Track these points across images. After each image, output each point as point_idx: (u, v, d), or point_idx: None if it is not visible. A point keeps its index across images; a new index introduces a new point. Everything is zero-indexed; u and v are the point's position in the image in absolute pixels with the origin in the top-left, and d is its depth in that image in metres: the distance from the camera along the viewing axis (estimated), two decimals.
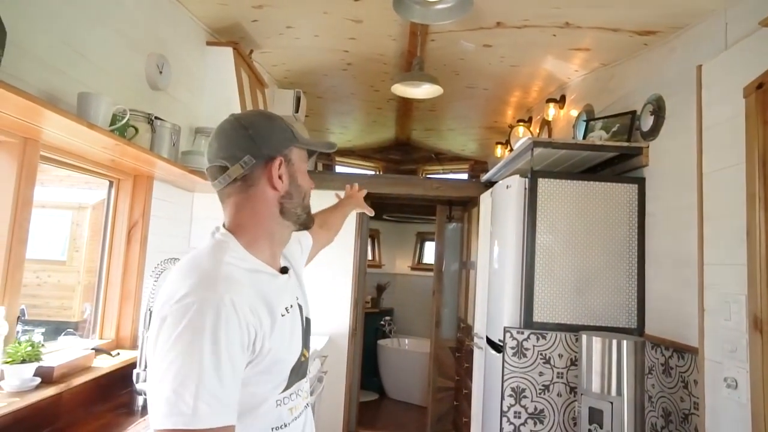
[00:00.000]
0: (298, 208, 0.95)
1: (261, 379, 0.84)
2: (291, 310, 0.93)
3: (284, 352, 0.88)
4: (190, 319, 0.74)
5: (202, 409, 0.71)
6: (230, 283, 0.80)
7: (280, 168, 0.90)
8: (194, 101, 2.56)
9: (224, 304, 0.76)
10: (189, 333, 0.73)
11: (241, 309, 0.78)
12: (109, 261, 2.06)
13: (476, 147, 5.30)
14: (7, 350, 1.38)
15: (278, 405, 0.89)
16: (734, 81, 1.61)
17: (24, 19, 1.41)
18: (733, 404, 1.53)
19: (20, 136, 1.46)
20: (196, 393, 0.71)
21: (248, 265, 0.88)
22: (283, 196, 0.92)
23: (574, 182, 2.28)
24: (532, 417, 2.19)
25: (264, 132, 0.91)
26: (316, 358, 2.84)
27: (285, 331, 0.88)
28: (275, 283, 0.91)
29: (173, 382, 0.72)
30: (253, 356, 0.81)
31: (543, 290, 2.24)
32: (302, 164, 0.96)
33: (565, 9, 2.20)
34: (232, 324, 0.76)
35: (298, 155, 0.96)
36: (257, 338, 0.81)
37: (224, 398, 0.74)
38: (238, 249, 0.88)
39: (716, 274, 1.66)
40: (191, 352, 0.72)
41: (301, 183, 0.95)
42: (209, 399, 0.72)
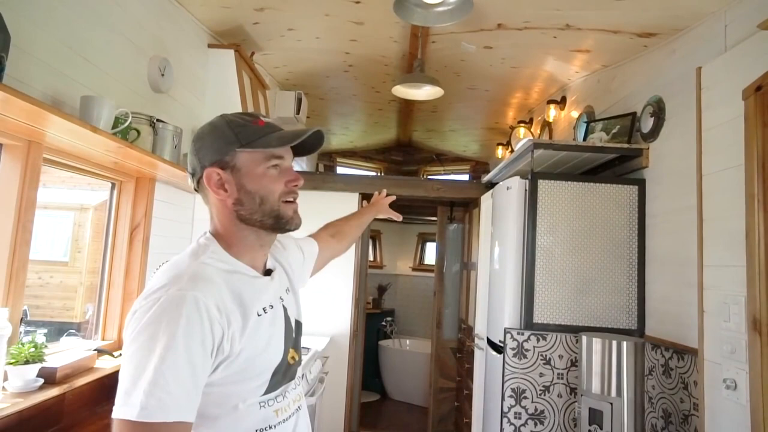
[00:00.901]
0: (256, 214, 0.90)
1: (237, 379, 0.84)
2: (270, 311, 0.92)
3: (260, 352, 0.87)
4: (152, 313, 0.76)
5: (152, 404, 0.71)
6: (198, 281, 0.81)
7: (219, 177, 0.89)
8: (196, 103, 2.57)
9: (186, 301, 0.77)
10: (150, 327, 0.75)
11: (205, 306, 0.78)
12: (111, 262, 2.07)
13: (478, 148, 5.31)
14: (11, 351, 1.39)
15: (262, 407, 0.88)
16: (733, 83, 1.61)
17: (27, 22, 1.43)
18: (733, 405, 1.54)
19: (24, 138, 1.47)
20: (148, 387, 0.72)
21: (226, 266, 0.88)
22: (234, 204, 0.90)
23: (574, 184, 2.29)
24: (533, 418, 2.20)
25: (205, 141, 0.91)
26: (317, 358, 2.85)
27: (261, 331, 0.88)
28: (254, 284, 0.91)
29: (132, 374, 0.74)
30: (223, 356, 0.81)
31: (543, 291, 2.24)
32: (257, 167, 0.90)
33: (565, 11, 2.21)
34: (192, 321, 0.76)
35: (248, 159, 0.90)
36: (225, 337, 0.80)
37: (178, 395, 0.74)
38: (218, 251, 0.89)
39: (716, 276, 1.67)
40: (149, 346, 0.74)
41: (252, 188, 0.90)
42: (160, 394, 0.72)
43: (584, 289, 2.24)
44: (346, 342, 3.43)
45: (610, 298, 2.24)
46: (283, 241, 1.14)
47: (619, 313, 2.23)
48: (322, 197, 3.46)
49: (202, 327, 0.77)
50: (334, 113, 4.50)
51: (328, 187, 3.50)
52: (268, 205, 0.90)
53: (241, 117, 0.93)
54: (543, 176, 2.30)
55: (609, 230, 2.26)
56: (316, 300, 3.43)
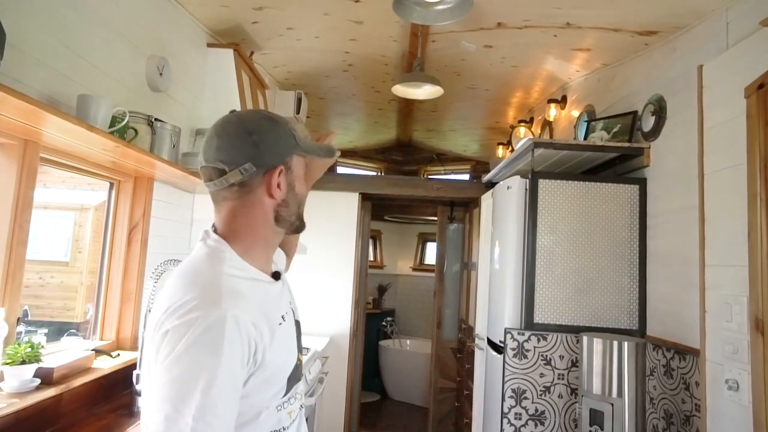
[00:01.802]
0: (293, 216, 0.93)
1: (262, 389, 0.83)
2: (287, 317, 0.92)
3: (283, 359, 0.88)
4: (193, 335, 0.73)
5: (202, 428, 0.70)
6: (233, 298, 0.79)
7: (279, 177, 0.88)
8: (195, 103, 2.56)
9: (227, 322, 0.75)
10: (192, 350, 0.73)
11: (243, 325, 0.77)
12: (110, 262, 2.06)
13: (478, 147, 5.30)
14: (7, 351, 1.38)
15: (279, 410, 0.88)
16: (735, 81, 1.60)
17: (23, 21, 1.42)
18: (735, 406, 1.53)
19: (20, 138, 1.46)
20: (197, 413, 0.70)
21: (247, 275, 0.86)
22: (279, 204, 0.90)
23: (575, 183, 2.28)
24: (533, 418, 2.18)
25: (268, 139, 0.87)
26: (317, 358, 2.84)
27: (283, 339, 0.88)
28: (272, 292, 0.91)
29: (174, 399, 0.71)
30: (254, 368, 0.80)
31: (544, 291, 2.23)
32: (301, 171, 0.93)
33: (566, 9, 2.20)
34: (234, 341, 0.75)
35: (298, 162, 0.92)
36: (257, 351, 0.80)
37: (224, 416, 0.73)
38: (234, 258, 0.86)
39: (717, 275, 1.66)
40: (194, 369, 0.72)
41: (298, 191, 0.93)
42: (209, 418, 0.71)
43: (585, 289, 2.23)
44: (346, 342, 3.42)
45: (611, 298, 2.22)
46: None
47: (620, 314, 2.22)
48: (323, 197, 3.45)
49: (242, 347, 0.77)
50: (333, 113, 4.49)
51: (329, 187, 3.50)
52: (301, 208, 0.95)
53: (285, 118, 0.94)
54: (543, 176, 2.29)
55: (610, 230, 2.25)
56: (316, 300, 3.42)
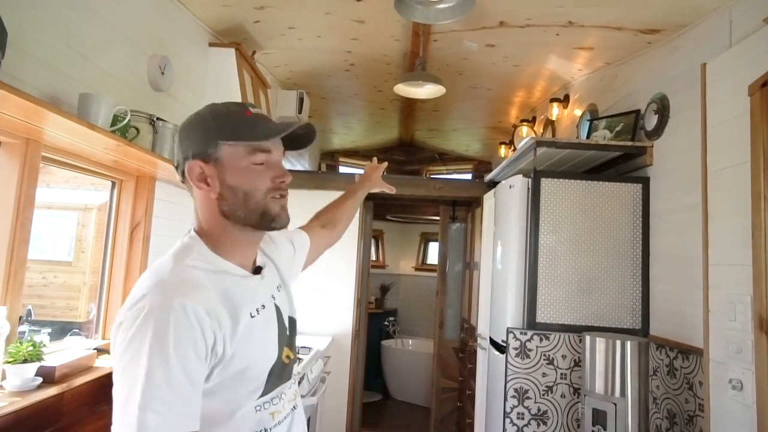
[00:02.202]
0: (239, 211, 0.85)
1: (233, 385, 0.81)
2: (263, 311, 0.88)
3: (254, 355, 0.84)
4: (138, 324, 0.73)
5: (150, 418, 0.69)
6: (183, 286, 0.78)
7: (201, 171, 0.85)
8: (196, 102, 2.56)
9: (173, 308, 0.74)
10: (137, 339, 0.72)
11: (193, 312, 0.75)
12: (112, 261, 2.06)
13: (480, 147, 5.29)
14: (9, 350, 1.38)
15: (258, 410, 0.85)
16: (739, 79, 1.59)
17: (25, 20, 1.42)
18: (739, 406, 1.52)
19: (22, 137, 1.46)
20: (142, 402, 0.69)
21: (213, 267, 0.85)
22: (217, 199, 0.86)
23: (577, 182, 2.27)
24: (536, 418, 2.18)
25: (190, 132, 0.87)
26: (319, 358, 2.84)
27: (254, 333, 0.84)
28: (244, 284, 0.88)
29: (125, 389, 0.71)
30: (216, 360, 0.78)
31: (546, 291, 2.22)
32: (240, 161, 0.85)
33: (568, 8, 2.19)
34: (181, 328, 0.73)
35: (232, 152, 0.85)
36: (217, 342, 0.78)
37: (176, 406, 0.71)
38: (203, 252, 0.85)
39: (721, 275, 1.65)
40: (139, 358, 0.71)
41: (235, 183, 0.85)
42: (158, 407, 0.69)
43: (588, 289, 2.22)
44: (348, 342, 3.42)
45: (614, 297, 2.22)
46: (272, 235, 1.08)
47: (622, 313, 2.21)
48: (325, 197, 3.43)
49: (192, 333, 0.74)
50: (335, 112, 4.49)
51: (331, 187, 3.49)
52: (253, 201, 0.85)
53: (228, 107, 0.88)
54: (546, 175, 2.28)
55: (613, 229, 2.24)
56: (318, 300, 3.42)
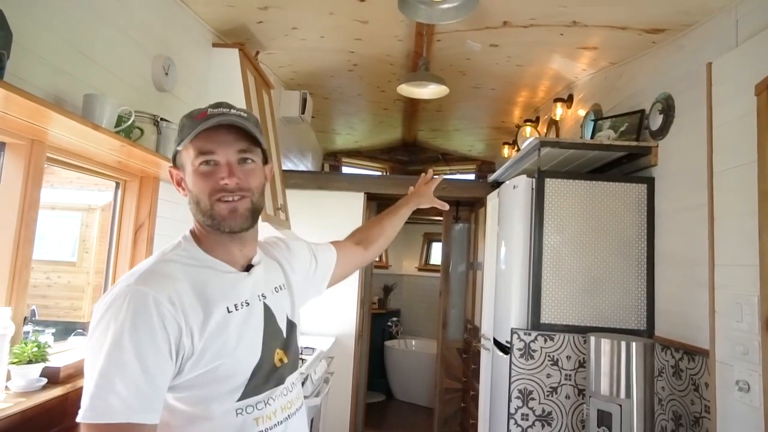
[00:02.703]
0: (198, 214, 0.86)
1: (206, 381, 0.79)
2: (245, 308, 0.86)
3: (230, 351, 0.81)
4: (103, 312, 0.75)
5: (97, 404, 0.70)
6: (150, 276, 0.79)
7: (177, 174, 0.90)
8: (200, 103, 2.53)
9: (130, 297, 0.75)
10: (98, 328, 0.75)
11: (154, 301, 0.75)
12: (116, 262, 2.06)
13: (483, 147, 5.28)
14: (14, 351, 1.38)
15: (239, 414, 0.82)
16: (745, 78, 1.58)
17: (29, 20, 1.42)
18: (745, 408, 1.50)
19: (27, 137, 1.46)
20: (94, 389, 0.71)
21: (195, 262, 0.86)
22: (188, 202, 0.89)
23: (581, 182, 2.26)
24: (540, 419, 2.17)
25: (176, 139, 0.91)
26: (322, 359, 2.84)
27: (230, 328, 0.82)
28: (225, 279, 0.87)
29: (86, 376, 0.74)
30: (184, 353, 0.77)
31: (550, 291, 2.22)
32: (191, 164, 0.85)
33: (572, 7, 2.18)
34: (138, 316, 0.74)
35: (185, 155, 0.86)
36: (183, 333, 0.77)
37: (126, 395, 0.70)
38: (189, 247, 0.88)
39: (727, 275, 1.64)
40: (98, 346, 0.73)
41: (190, 187, 0.87)
42: (106, 395, 0.70)
43: (592, 289, 2.21)
44: (352, 342, 3.42)
45: (619, 298, 2.21)
46: (289, 242, 1.09)
47: (627, 314, 2.20)
48: (327, 197, 3.45)
49: (150, 322, 0.74)
50: (339, 113, 4.49)
51: (333, 187, 3.50)
52: (201, 204, 0.85)
53: (193, 112, 0.89)
54: (550, 175, 2.27)
55: (617, 229, 2.23)
56: (322, 300, 3.40)
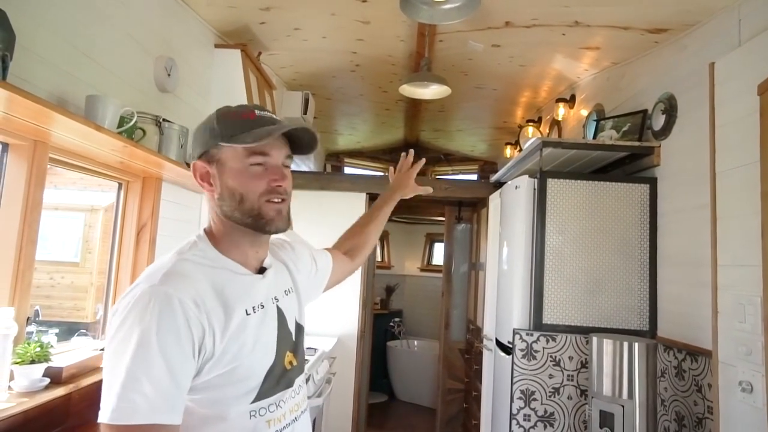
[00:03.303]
0: (236, 212, 0.86)
1: (223, 383, 0.80)
2: (260, 311, 0.87)
3: (247, 353, 0.82)
4: (125, 313, 0.75)
5: (124, 406, 0.70)
6: (173, 277, 0.79)
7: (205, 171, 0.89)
8: (202, 103, 2.57)
9: (156, 297, 0.75)
10: (123, 328, 0.74)
11: (179, 302, 0.75)
12: (119, 262, 2.07)
13: (486, 148, 5.28)
14: (17, 351, 1.38)
15: (252, 416, 0.83)
16: (748, 78, 1.58)
17: (32, 22, 1.43)
18: (749, 408, 1.50)
19: (30, 138, 1.47)
20: (120, 390, 0.70)
21: (211, 263, 0.86)
22: (218, 199, 0.88)
23: (584, 182, 2.26)
24: (542, 420, 2.16)
25: (198, 134, 0.90)
26: (324, 359, 2.84)
27: (248, 330, 0.83)
28: (242, 281, 0.87)
29: (108, 377, 0.73)
30: (207, 355, 0.78)
31: (553, 292, 2.21)
32: (238, 163, 0.86)
33: (574, 7, 2.18)
34: (164, 317, 0.74)
35: (231, 154, 0.86)
36: (206, 335, 0.77)
37: (153, 395, 0.71)
38: (205, 248, 0.88)
39: (730, 275, 1.63)
40: (122, 347, 0.73)
41: (232, 185, 0.86)
42: (133, 396, 0.70)
43: (594, 290, 2.21)
44: (354, 343, 3.41)
45: (621, 298, 2.20)
46: (294, 245, 1.09)
47: (630, 314, 2.19)
48: (329, 197, 3.45)
49: (175, 323, 0.74)
50: (341, 113, 4.50)
51: (335, 187, 3.49)
52: (247, 203, 0.86)
53: (233, 109, 0.90)
54: (552, 175, 2.27)
55: (620, 229, 2.23)
56: (324, 300, 3.39)
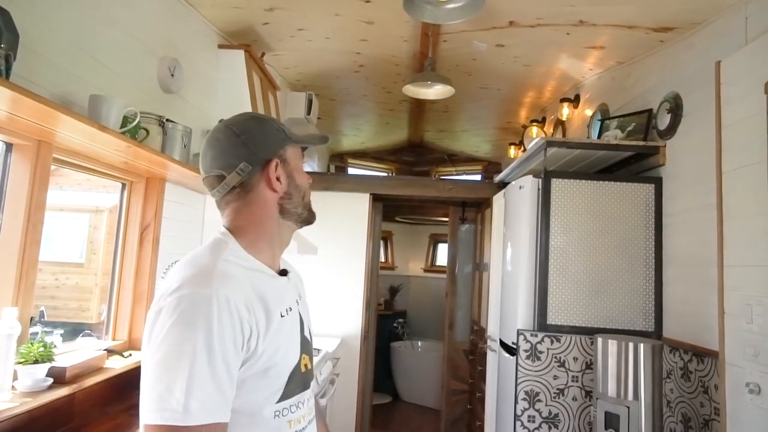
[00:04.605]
0: (299, 207, 0.95)
1: (255, 385, 0.82)
2: (290, 313, 0.91)
3: (280, 355, 0.85)
4: (181, 312, 0.74)
5: (193, 405, 0.70)
6: (225, 279, 0.79)
7: (277, 170, 0.90)
8: (206, 104, 2.57)
9: (217, 299, 0.75)
10: (181, 326, 0.73)
11: (235, 305, 0.77)
12: (122, 263, 2.08)
13: (490, 148, 5.26)
14: (21, 351, 1.39)
15: (276, 416, 0.85)
16: (755, 77, 1.56)
17: (36, 22, 1.43)
18: (756, 410, 1.48)
19: (33, 138, 1.47)
20: (187, 389, 0.70)
21: (247, 264, 0.87)
22: (282, 197, 0.92)
23: (588, 182, 2.24)
24: (547, 421, 2.15)
25: (257, 136, 0.91)
26: (328, 360, 2.84)
27: (282, 332, 0.86)
28: (274, 284, 0.90)
29: (165, 376, 0.71)
30: (247, 355, 0.79)
31: (557, 292, 2.20)
32: (297, 162, 0.96)
33: (579, 6, 2.17)
34: (224, 319, 0.75)
35: (293, 153, 0.95)
36: (252, 336, 0.79)
37: (216, 395, 0.73)
38: (236, 248, 0.87)
39: (737, 276, 1.61)
40: (183, 346, 0.72)
41: (299, 181, 0.95)
42: (200, 395, 0.71)
43: (599, 290, 2.19)
44: (358, 343, 3.41)
45: (626, 299, 2.19)
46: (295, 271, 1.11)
47: (635, 315, 2.17)
48: (334, 198, 3.45)
49: (233, 326, 0.75)
50: (345, 114, 4.50)
51: (339, 188, 3.49)
52: (307, 197, 0.97)
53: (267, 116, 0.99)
54: (556, 175, 2.26)
55: (625, 230, 2.21)
56: (327, 301, 3.41)
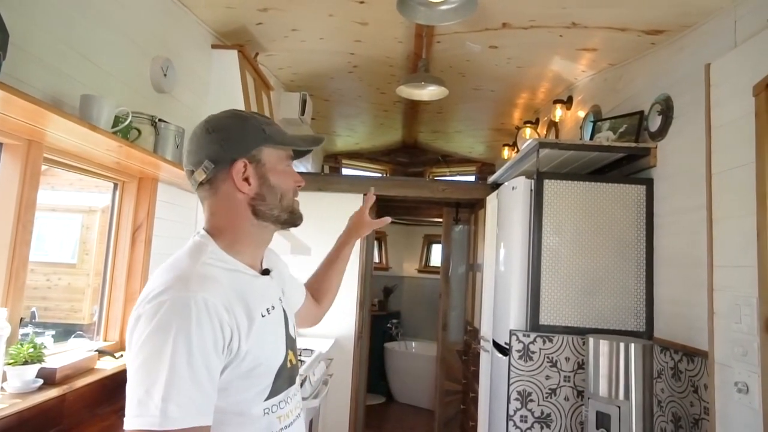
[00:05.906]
0: (275, 210, 0.92)
1: (242, 385, 0.83)
2: (273, 311, 0.91)
3: (266, 354, 0.86)
4: (160, 317, 0.74)
5: (172, 410, 0.70)
6: (204, 282, 0.80)
7: (246, 170, 0.89)
8: (199, 104, 2.56)
9: (195, 303, 0.75)
10: (160, 332, 0.73)
11: (214, 308, 0.77)
12: (114, 263, 2.06)
13: (484, 149, 5.28)
14: (10, 351, 1.38)
15: (266, 413, 0.86)
16: (744, 79, 1.58)
17: (26, 20, 1.42)
18: (745, 409, 1.50)
19: (24, 138, 1.46)
20: (166, 393, 0.70)
21: (227, 266, 0.87)
22: (253, 198, 0.90)
23: (580, 183, 2.26)
24: (539, 421, 2.16)
25: (231, 134, 0.90)
26: (321, 360, 2.83)
27: (266, 332, 0.87)
28: (255, 284, 0.90)
29: (145, 381, 0.72)
30: (230, 357, 0.80)
31: (549, 293, 2.21)
32: (278, 164, 0.93)
33: (571, 9, 2.18)
34: (203, 323, 0.75)
35: (272, 154, 0.93)
36: (233, 338, 0.79)
37: (197, 398, 0.73)
38: (216, 251, 0.88)
39: (726, 276, 1.63)
40: (162, 351, 0.72)
41: (275, 183, 0.92)
42: (180, 399, 0.71)
43: (591, 291, 2.21)
44: (351, 344, 3.41)
45: (618, 299, 2.20)
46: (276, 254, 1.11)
47: (626, 315, 2.19)
48: (327, 198, 3.44)
49: (213, 329, 0.76)
50: (339, 115, 4.49)
51: (333, 189, 3.49)
52: (286, 200, 0.94)
53: (258, 114, 0.96)
54: (549, 176, 2.27)
55: (616, 230, 2.23)
56: None
